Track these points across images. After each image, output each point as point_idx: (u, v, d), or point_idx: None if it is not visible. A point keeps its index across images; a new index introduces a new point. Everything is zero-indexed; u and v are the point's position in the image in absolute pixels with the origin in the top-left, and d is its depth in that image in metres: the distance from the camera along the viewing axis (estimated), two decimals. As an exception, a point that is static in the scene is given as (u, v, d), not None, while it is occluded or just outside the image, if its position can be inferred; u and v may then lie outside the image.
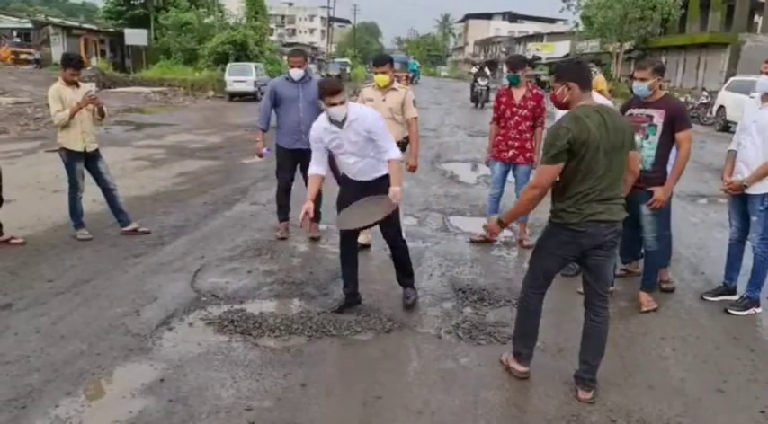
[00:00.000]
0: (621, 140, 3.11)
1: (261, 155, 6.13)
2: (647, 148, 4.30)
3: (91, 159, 5.85)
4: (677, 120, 4.24)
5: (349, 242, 4.35)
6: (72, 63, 5.70)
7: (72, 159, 5.75)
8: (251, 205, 7.37)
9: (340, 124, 4.02)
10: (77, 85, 5.79)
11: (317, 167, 4.24)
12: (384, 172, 4.16)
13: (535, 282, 3.42)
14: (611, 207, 3.13)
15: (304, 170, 5.90)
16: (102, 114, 6.00)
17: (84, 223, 5.87)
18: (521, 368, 3.46)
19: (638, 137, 4.31)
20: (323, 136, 4.14)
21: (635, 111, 4.40)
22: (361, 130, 4.03)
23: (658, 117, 4.26)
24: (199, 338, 3.84)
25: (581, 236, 3.13)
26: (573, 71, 3.18)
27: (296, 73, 5.75)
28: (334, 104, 3.95)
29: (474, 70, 25.29)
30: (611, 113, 3.18)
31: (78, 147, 5.71)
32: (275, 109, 5.87)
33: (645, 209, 4.38)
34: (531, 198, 3.20)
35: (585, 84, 3.16)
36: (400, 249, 4.40)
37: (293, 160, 5.87)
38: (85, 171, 5.85)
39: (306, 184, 5.92)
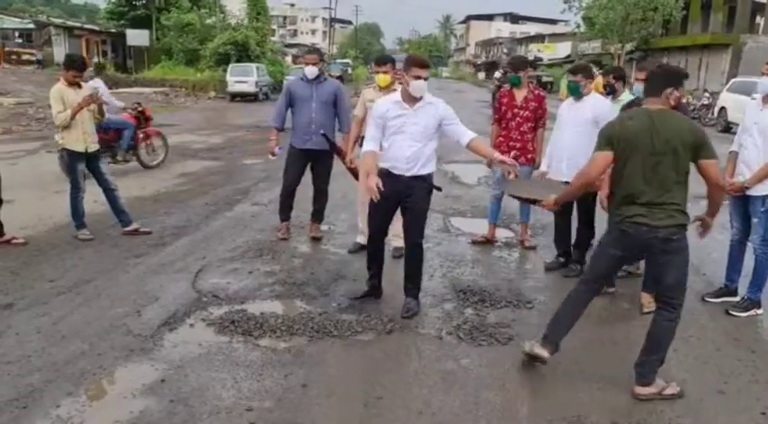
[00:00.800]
0: (673, 145, 3.10)
1: (274, 154, 6.12)
2: None
3: (92, 159, 5.86)
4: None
5: (376, 242, 4.39)
6: (75, 64, 5.71)
7: (73, 159, 5.77)
8: (252, 205, 7.37)
9: (414, 102, 4.01)
10: (79, 86, 5.80)
11: (374, 143, 4.15)
12: (427, 171, 4.16)
13: (586, 275, 3.60)
14: (655, 212, 3.14)
15: (314, 170, 5.92)
16: (101, 114, 6.02)
17: (85, 223, 5.88)
18: (542, 353, 3.44)
19: None
20: (388, 112, 4.08)
21: None
22: (434, 115, 4.06)
23: None
24: (200, 338, 3.84)
25: (623, 236, 3.24)
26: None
27: (310, 70, 5.73)
28: (419, 77, 3.93)
29: (497, 75, 24.29)
30: (667, 118, 3.17)
31: (80, 148, 5.72)
32: (291, 108, 5.86)
33: None
34: (578, 185, 3.47)
35: (651, 89, 3.28)
36: (416, 252, 4.32)
37: (304, 160, 5.86)
38: (87, 171, 5.86)
39: (314, 184, 5.95)
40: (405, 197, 4.16)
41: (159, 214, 6.84)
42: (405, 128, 4.07)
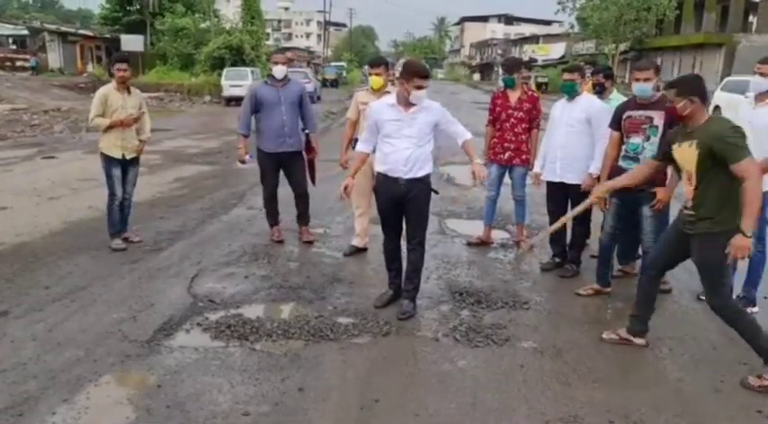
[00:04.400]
0: None
1: (243, 162, 6.09)
2: (648, 149, 4.27)
3: (126, 165, 5.69)
4: (677, 121, 4.21)
5: (393, 241, 4.41)
6: (117, 58, 5.57)
7: (109, 164, 5.61)
8: (247, 209, 7.36)
9: (410, 106, 4.05)
10: (129, 91, 5.60)
11: (367, 145, 4.27)
12: (425, 172, 4.18)
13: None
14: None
15: (289, 175, 5.93)
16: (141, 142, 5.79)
17: (120, 232, 5.72)
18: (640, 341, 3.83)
19: (638, 139, 4.32)
20: (383, 116, 4.12)
21: (633, 114, 4.36)
22: (430, 118, 4.10)
23: (658, 118, 4.24)
24: (196, 343, 3.83)
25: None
26: (695, 86, 3.46)
27: (279, 70, 5.73)
28: (421, 87, 3.98)
29: (535, 77, 23.53)
30: None
31: (116, 154, 5.57)
32: (255, 114, 5.84)
33: (646, 211, 4.37)
34: (757, 192, 3.25)
35: (705, 97, 3.42)
36: (418, 252, 4.34)
37: (276, 164, 5.88)
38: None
39: (293, 188, 5.96)
40: (405, 199, 4.19)
41: (155, 219, 6.82)
42: (401, 132, 4.09)
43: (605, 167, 4.61)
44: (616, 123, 4.49)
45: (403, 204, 4.22)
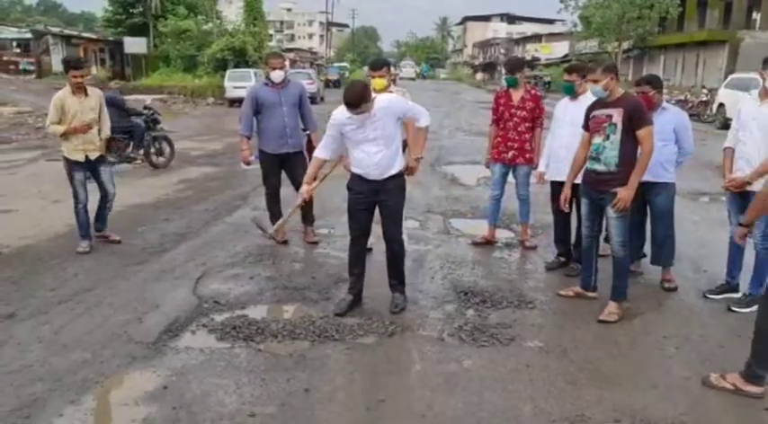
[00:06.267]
0: None
1: (248, 163, 6.10)
2: (609, 149, 4.21)
3: (94, 167, 5.74)
4: (635, 118, 4.13)
5: (358, 242, 4.43)
6: (71, 64, 5.46)
7: (71, 168, 5.64)
8: (252, 210, 7.37)
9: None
10: (86, 94, 5.55)
11: (324, 151, 4.34)
12: (398, 168, 4.24)
13: None
14: None
15: (291, 175, 5.93)
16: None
17: (90, 235, 5.76)
18: (756, 390, 3.34)
19: (599, 138, 4.28)
20: (345, 127, 4.16)
21: (597, 112, 4.33)
22: (390, 115, 4.12)
23: (617, 115, 4.17)
24: (201, 344, 3.84)
25: None
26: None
27: (277, 75, 5.75)
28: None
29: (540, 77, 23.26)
30: None
31: (78, 157, 5.59)
32: (256, 115, 5.85)
33: (610, 212, 4.25)
34: None
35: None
36: (396, 248, 4.42)
37: (279, 165, 5.90)
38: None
39: (296, 188, 5.96)
40: (380, 197, 4.27)
41: (159, 221, 6.84)
42: (367, 138, 4.14)
43: (573, 168, 4.60)
44: (585, 123, 4.47)
45: (377, 201, 4.30)
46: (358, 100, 3.93)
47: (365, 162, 4.20)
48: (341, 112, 4.13)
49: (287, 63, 5.93)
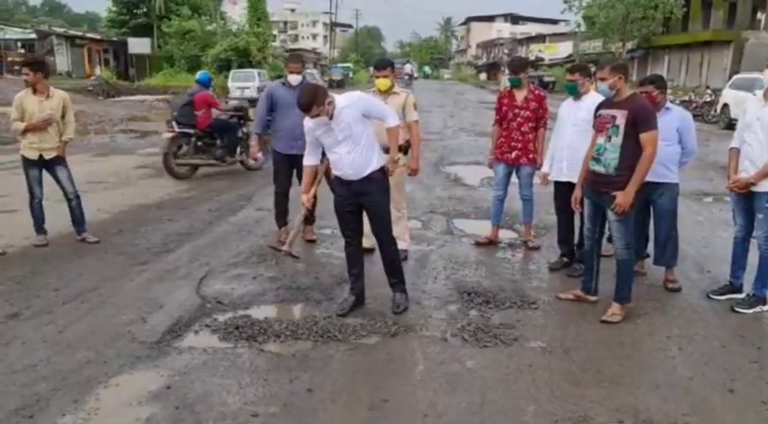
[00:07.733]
0: None
1: (256, 159, 6.17)
2: (610, 150, 4.16)
3: (50, 166, 5.80)
4: (640, 121, 4.04)
5: (351, 243, 4.43)
6: (24, 62, 5.55)
7: (26, 166, 5.75)
8: (256, 211, 7.38)
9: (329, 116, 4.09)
10: (47, 96, 5.61)
11: (309, 158, 4.40)
12: (375, 166, 4.23)
13: None
14: None
15: (300, 175, 5.94)
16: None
17: (44, 229, 5.88)
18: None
19: (602, 139, 4.25)
20: (315, 132, 4.21)
21: (602, 112, 4.29)
22: (353, 117, 4.10)
23: (621, 117, 4.10)
24: (205, 344, 3.85)
25: None
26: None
27: (295, 79, 5.80)
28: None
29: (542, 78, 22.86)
30: None
31: (33, 155, 5.67)
32: (271, 113, 5.90)
33: (611, 215, 4.22)
34: None
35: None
36: (385, 249, 4.43)
37: (289, 165, 5.92)
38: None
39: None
40: (362, 199, 4.29)
41: (163, 221, 6.85)
42: (336, 140, 4.16)
43: (582, 167, 4.56)
44: (594, 122, 4.45)
45: (360, 202, 4.32)
46: (308, 103, 3.93)
47: (339, 163, 4.24)
48: (307, 118, 4.16)
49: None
